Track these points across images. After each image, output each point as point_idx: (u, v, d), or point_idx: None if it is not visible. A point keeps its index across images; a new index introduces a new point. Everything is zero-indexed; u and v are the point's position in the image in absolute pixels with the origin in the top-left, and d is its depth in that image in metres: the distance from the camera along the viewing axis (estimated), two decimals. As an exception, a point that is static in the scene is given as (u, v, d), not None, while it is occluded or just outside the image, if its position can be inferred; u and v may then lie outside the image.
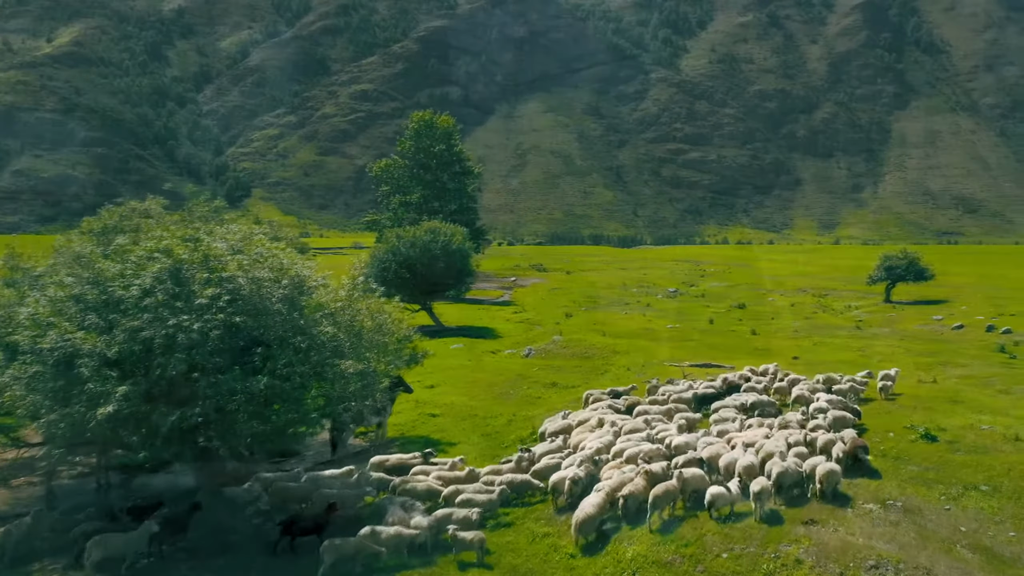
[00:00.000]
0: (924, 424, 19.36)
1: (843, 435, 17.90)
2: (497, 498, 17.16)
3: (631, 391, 25.29)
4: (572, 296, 67.80)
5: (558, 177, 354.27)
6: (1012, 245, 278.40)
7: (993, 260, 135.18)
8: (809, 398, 22.41)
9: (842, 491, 15.60)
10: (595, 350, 36.95)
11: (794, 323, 49.78)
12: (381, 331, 20.15)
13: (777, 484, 15.50)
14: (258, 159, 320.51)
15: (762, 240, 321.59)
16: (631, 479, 16.35)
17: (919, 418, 20.24)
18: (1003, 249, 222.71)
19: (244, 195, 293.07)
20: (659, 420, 21.34)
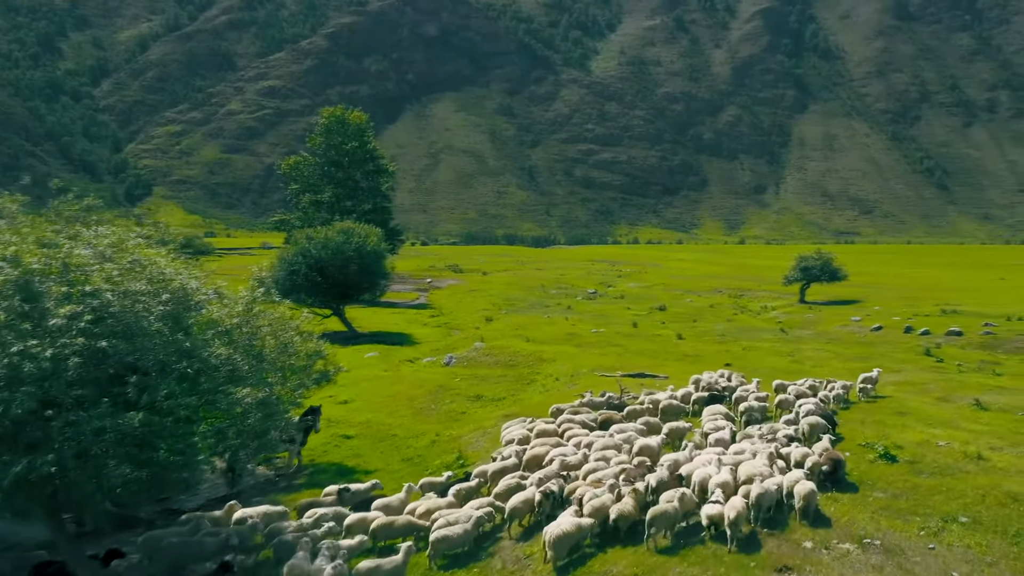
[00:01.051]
0: (879, 440, 18.09)
1: (816, 449, 16.83)
2: (473, 529, 14.83)
3: (609, 401, 23.17)
4: (491, 298, 65.74)
5: (471, 177, 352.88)
6: (905, 244, 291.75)
7: (890, 259, 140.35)
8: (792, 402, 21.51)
9: (822, 511, 14.40)
10: (520, 358, 34.92)
11: (717, 326, 49.00)
12: (286, 351, 17.50)
13: (757, 505, 14.12)
14: (160, 156, 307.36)
15: (671, 240, 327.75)
16: (612, 498, 14.77)
17: (872, 433, 18.99)
18: (898, 248, 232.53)
19: (145, 193, 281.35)
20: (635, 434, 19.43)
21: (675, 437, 19.64)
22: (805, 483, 14.51)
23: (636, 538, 13.92)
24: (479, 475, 17.35)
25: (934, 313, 51.54)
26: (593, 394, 23.45)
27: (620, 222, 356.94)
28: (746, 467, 15.51)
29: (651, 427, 20.16)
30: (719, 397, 22.92)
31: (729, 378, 25.14)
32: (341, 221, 58.47)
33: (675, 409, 22.19)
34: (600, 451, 17.75)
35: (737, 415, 21.51)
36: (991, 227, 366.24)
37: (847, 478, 15.91)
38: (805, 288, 66.78)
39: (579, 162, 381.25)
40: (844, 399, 22.74)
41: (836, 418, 19.86)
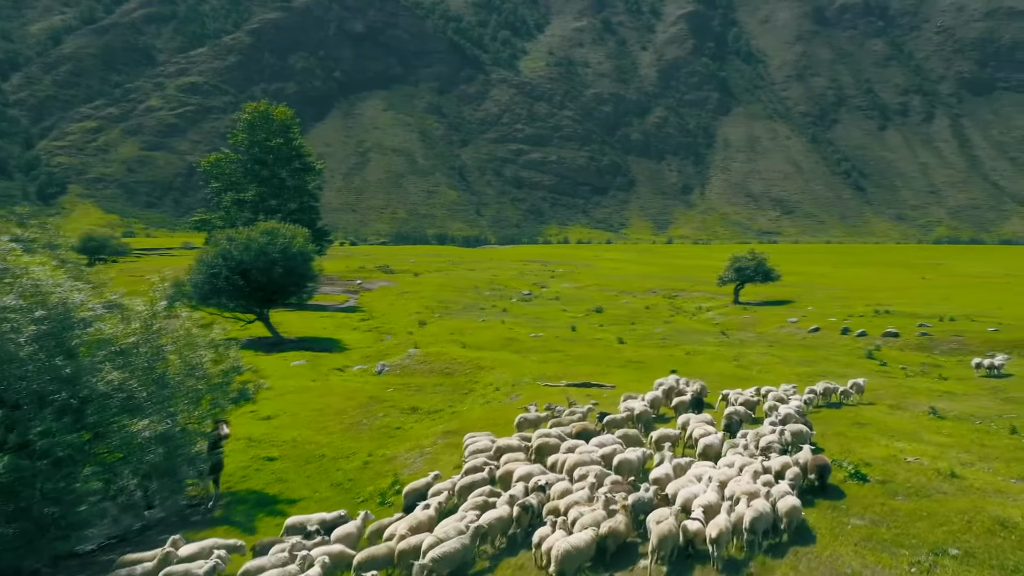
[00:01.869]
0: (845, 457, 17.01)
1: (799, 458, 15.89)
2: (472, 542, 13.15)
3: (587, 412, 21.57)
4: (424, 300, 63.67)
5: (401, 176, 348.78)
6: (824, 244, 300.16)
7: (814, 259, 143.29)
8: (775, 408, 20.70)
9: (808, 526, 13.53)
10: (457, 365, 33.09)
11: (656, 328, 48.04)
12: (194, 372, 15.33)
13: (752, 531, 13.10)
14: (75, 153, 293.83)
15: (601, 240, 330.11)
16: (605, 514, 13.49)
17: (835, 448, 17.95)
18: (819, 248, 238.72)
19: (59, 192, 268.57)
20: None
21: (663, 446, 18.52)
22: (788, 499, 13.66)
23: (620, 562, 12.49)
24: (436, 493, 15.63)
25: (868, 314, 51.71)
26: (538, 407, 21.93)
27: (550, 222, 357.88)
28: (733, 486, 14.50)
29: (630, 440, 18.83)
30: (697, 403, 21.97)
31: (687, 384, 24.11)
32: (266, 221, 55.62)
33: (648, 416, 21.30)
34: (579, 467, 16.36)
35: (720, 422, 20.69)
36: (904, 227, 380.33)
37: (820, 503, 14.75)
38: (739, 289, 66.71)
39: (509, 162, 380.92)
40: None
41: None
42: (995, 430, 20.70)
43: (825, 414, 22.14)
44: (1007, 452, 18.03)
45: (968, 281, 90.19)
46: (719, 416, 21.20)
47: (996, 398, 25.26)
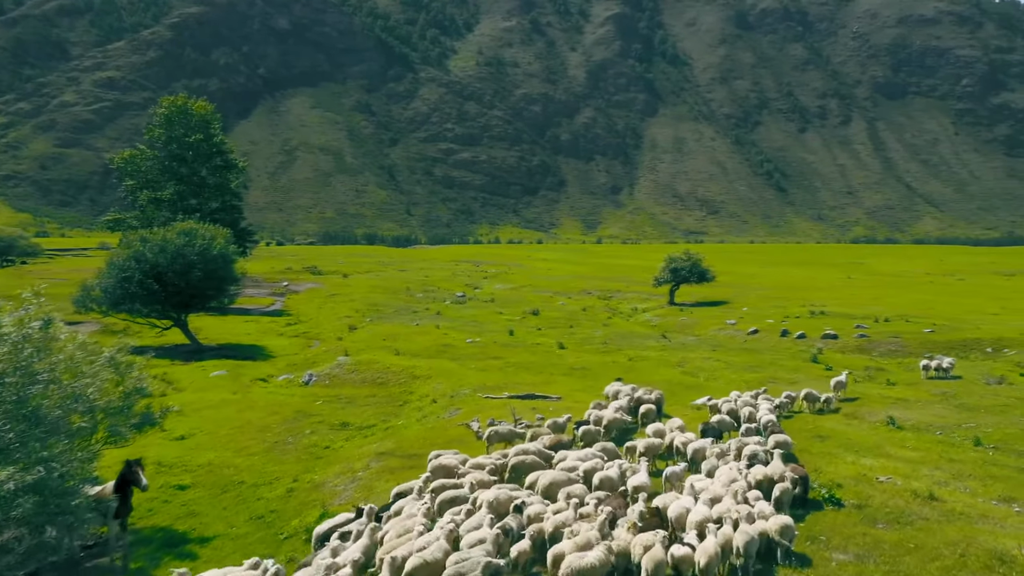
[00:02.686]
0: (814, 477, 15.81)
1: (776, 470, 14.96)
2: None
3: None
4: (354, 303, 61.16)
5: (329, 175, 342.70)
6: (748, 244, 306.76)
7: (740, 259, 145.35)
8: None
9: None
10: (390, 375, 31.10)
11: (596, 332, 46.79)
12: (78, 401, 13.13)
13: (747, 555, 12.15)
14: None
15: (532, 239, 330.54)
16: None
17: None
18: (744, 248, 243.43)
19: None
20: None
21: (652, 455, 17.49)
22: (779, 518, 12.74)
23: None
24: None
25: (804, 315, 51.59)
26: (480, 422, 20.30)
27: (481, 221, 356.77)
28: (720, 506, 13.41)
29: (609, 453, 17.50)
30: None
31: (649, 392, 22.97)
32: (184, 221, 52.51)
33: (621, 424, 20.30)
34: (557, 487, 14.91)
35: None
36: (824, 227, 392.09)
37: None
38: (674, 289, 66.23)
39: (439, 161, 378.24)
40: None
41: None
42: (959, 442, 19.99)
43: (783, 425, 21.09)
44: (978, 468, 17.23)
45: (892, 280, 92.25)
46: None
47: (949, 405, 24.72)
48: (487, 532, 12.47)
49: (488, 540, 12.17)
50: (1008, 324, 44.82)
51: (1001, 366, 33.09)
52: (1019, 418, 22.37)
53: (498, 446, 18.78)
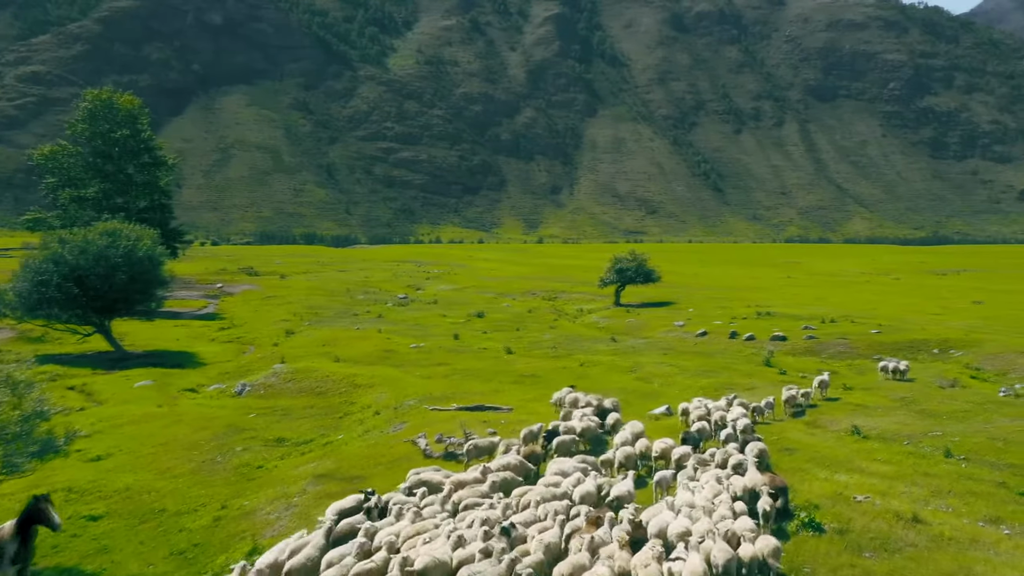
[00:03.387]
0: (789, 498, 14.88)
1: (756, 480, 14.25)
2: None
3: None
4: (291, 306, 58.87)
5: (266, 174, 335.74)
6: (686, 243, 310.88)
7: (681, 258, 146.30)
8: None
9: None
10: (330, 384, 29.31)
11: (544, 335, 45.51)
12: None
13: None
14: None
15: (473, 239, 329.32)
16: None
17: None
18: (683, 248, 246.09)
19: None
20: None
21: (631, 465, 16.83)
22: (767, 540, 11.98)
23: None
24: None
25: (750, 316, 51.25)
26: (427, 437, 18.92)
27: (422, 221, 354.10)
28: (702, 524, 12.56)
29: (589, 465, 16.63)
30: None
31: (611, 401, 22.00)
32: (109, 220, 49.69)
33: (594, 432, 19.55)
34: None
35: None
36: (759, 227, 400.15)
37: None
38: (620, 290, 65.59)
39: (379, 160, 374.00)
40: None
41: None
42: (929, 454, 19.28)
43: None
44: (955, 483, 16.46)
45: (831, 280, 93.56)
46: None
47: (910, 412, 24.15)
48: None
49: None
50: (950, 324, 45.22)
51: (951, 368, 33.04)
52: (982, 425, 21.91)
53: (477, 462, 17.60)
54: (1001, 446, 19.32)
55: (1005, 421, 22.37)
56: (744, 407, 21.53)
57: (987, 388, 28.86)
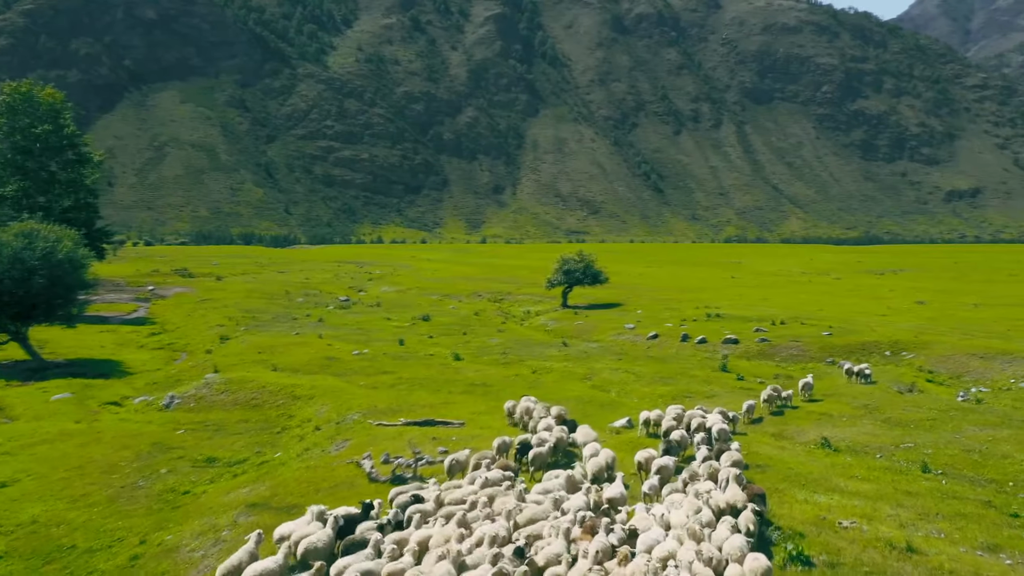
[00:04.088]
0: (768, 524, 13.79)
1: (738, 497, 13.39)
2: None
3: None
4: (227, 310, 56.26)
5: (202, 172, 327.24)
6: (628, 243, 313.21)
7: (624, 258, 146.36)
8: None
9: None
10: (266, 395, 27.33)
11: (492, 340, 43.85)
12: None
13: None
14: None
15: (416, 239, 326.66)
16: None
17: (747, 507, 14.72)
18: (625, 247, 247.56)
19: None
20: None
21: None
22: (758, 561, 11.13)
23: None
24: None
25: (700, 317, 50.60)
26: (372, 458, 17.33)
27: (364, 221, 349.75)
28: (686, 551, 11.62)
29: (573, 482, 15.43)
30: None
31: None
32: (27, 220, 46.63)
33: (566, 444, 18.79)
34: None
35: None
36: (699, 227, 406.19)
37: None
38: (568, 292, 64.47)
39: (319, 159, 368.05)
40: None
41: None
42: (906, 468, 18.40)
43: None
44: (941, 504, 15.61)
45: (773, 280, 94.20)
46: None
47: (876, 420, 23.42)
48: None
49: None
50: (898, 326, 45.21)
51: (906, 371, 32.71)
52: (952, 435, 21.27)
53: (460, 476, 16.32)
54: (978, 459, 18.66)
55: (974, 430, 21.82)
56: (724, 415, 20.72)
57: (945, 393, 28.54)
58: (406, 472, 16.84)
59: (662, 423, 19.65)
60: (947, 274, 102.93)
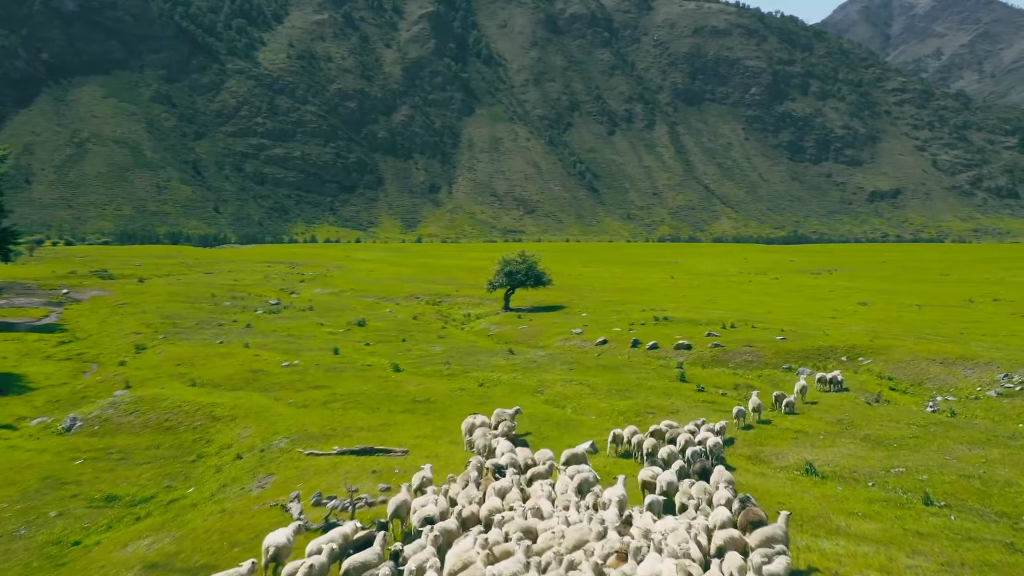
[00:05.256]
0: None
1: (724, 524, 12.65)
2: None
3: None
4: (146, 315, 52.41)
5: (127, 170, 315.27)
6: (564, 243, 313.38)
7: (562, 258, 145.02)
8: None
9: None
10: (182, 415, 24.37)
11: (433, 347, 41.13)
12: None
13: None
14: None
15: (350, 238, 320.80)
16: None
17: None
18: (560, 246, 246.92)
19: None
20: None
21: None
22: None
23: None
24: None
25: (648, 321, 48.90)
26: (300, 500, 14.76)
27: (296, 220, 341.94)
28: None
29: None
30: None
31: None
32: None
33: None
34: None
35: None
36: (633, 226, 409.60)
37: None
38: (509, 294, 62.19)
39: (250, 157, 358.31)
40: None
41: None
42: (906, 501, 16.54)
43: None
44: (960, 549, 13.74)
45: (713, 281, 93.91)
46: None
47: (855, 438, 21.74)
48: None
49: None
50: (849, 329, 44.33)
51: (867, 379, 31.44)
52: (940, 456, 19.72)
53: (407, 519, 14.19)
54: (979, 487, 17.01)
55: (962, 449, 20.34)
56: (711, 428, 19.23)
57: (912, 403, 27.39)
58: (341, 518, 14.42)
59: (644, 444, 17.76)
60: (879, 274, 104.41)
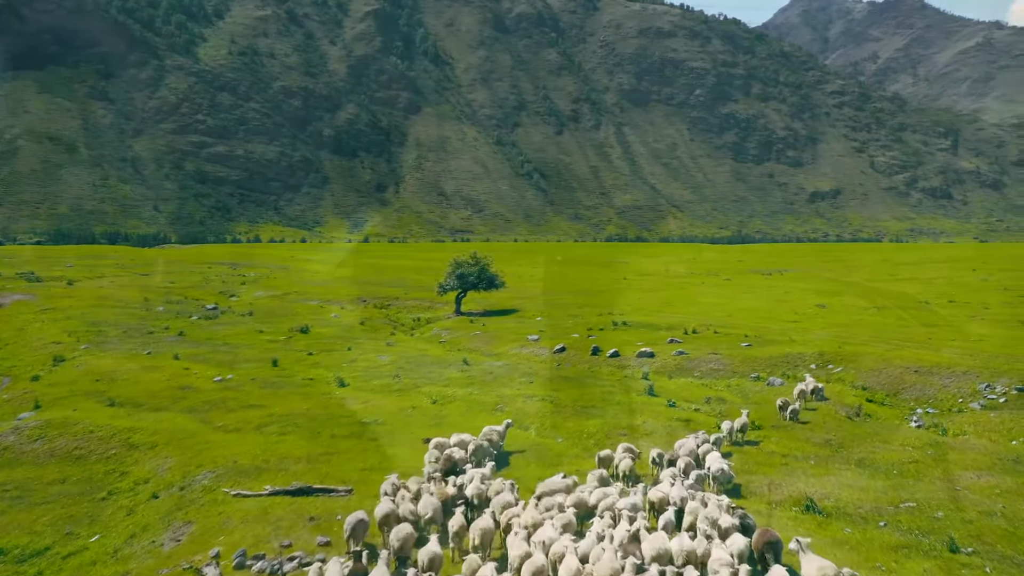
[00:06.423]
0: None
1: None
2: None
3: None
4: (70, 322, 48.66)
5: (60, 167, 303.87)
6: (512, 243, 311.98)
7: (512, 258, 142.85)
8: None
9: None
10: (94, 442, 21.37)
11: (381, 357, 38.27)
12: None
13: None
14: None
15: (295, 238, 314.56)
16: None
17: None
18: (508, 246, 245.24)
19: None
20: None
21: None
22: None
23: None
24: None
25: (606, 325, 46.84)
26: (220, 557, 12.30)
27: (239, 219, 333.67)
28: None
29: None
30: None
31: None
32: None
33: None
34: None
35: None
36: (581, 226, 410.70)
37: None
38: (461, 297, 59.78)
39: (191, 155, 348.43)
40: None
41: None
42: (930, 548, 14.44)
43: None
44: None
45: (666, 282, 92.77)
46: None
47: (848, 464, 19.99)
48: None
49: None
50: (814, 334, 43.12)
51: (841, 389, 29.81)
52: (949, 487, 18.04)
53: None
54: (1007, 527, 15.31)
55: (969, 477, 18.59)
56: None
57: (893, 416, 25.88)
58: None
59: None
60: (829, 274, 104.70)
